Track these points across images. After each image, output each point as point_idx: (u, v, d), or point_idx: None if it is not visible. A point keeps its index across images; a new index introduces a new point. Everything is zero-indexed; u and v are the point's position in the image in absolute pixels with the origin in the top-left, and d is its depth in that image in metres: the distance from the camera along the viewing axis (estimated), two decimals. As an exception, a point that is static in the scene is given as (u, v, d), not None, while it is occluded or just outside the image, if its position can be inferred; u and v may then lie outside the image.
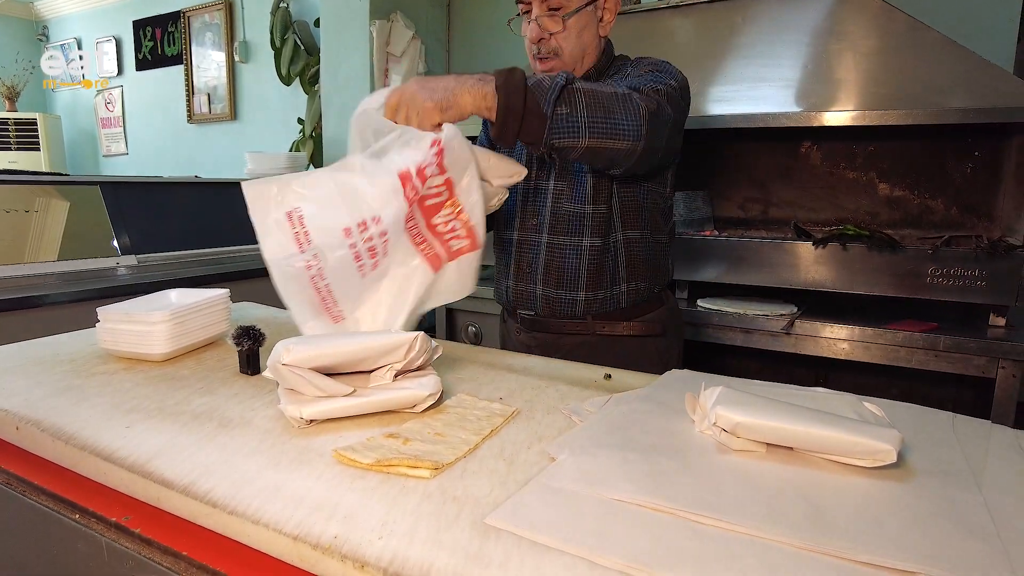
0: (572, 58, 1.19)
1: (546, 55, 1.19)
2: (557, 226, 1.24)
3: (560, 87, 0.95)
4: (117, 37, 5.08)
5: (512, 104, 0.92)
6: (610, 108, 0.98)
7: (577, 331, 1.28)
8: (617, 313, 1.28)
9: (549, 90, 0.94)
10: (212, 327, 1.10)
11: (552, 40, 1.17)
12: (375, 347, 0.79)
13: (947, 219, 2.28)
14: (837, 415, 0.70)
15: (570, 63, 1.20)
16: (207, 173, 4.62)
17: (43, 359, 1.03)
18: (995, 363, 1.74)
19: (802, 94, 2.03)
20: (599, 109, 0.97)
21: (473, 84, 0.93)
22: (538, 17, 1.16)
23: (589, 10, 1.17)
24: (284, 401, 0.77)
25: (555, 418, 0.81)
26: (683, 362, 1.43)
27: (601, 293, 1.26)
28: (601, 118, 0.97)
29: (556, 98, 0.94)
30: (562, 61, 1.19)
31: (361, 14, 3.04)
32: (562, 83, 0.95)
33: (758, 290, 2.14)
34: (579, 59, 1.21)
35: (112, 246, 2.40)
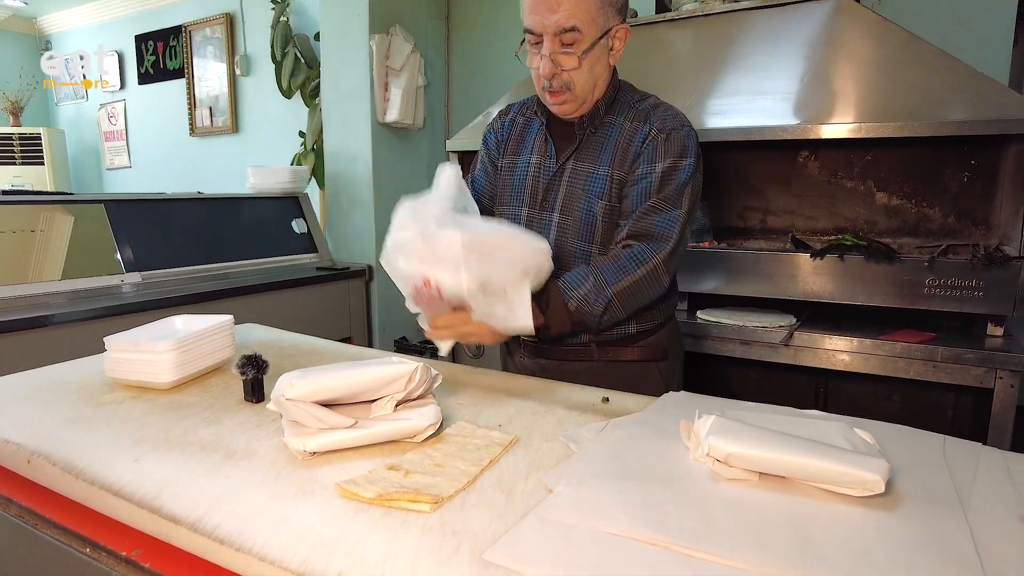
0: (584, 92, 1.18)
1: (558, 89, 1.17)
2: (561, 260, 1.22)
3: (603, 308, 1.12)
4: (119, 51, 5.12)
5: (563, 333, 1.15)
6: (637, 295, 1.15)
7: (580, 357, 1.28)
8: (621, 340, 1.28)
9: (592, 314, 1.12)
10: (217, 353, 1.12)
11: (564, 75, 1.15)
12: (376, 379, 0.81)
13: (945, 227, 2.29)
14: (828, 444, 0.72)
15: (582, 96, 1.18)
16: (209, 185, 4.65)
17: (52, 387, 1.05)
18: (993, 373, 1.75)
19: (799, 106, 2.05)
20: (631, 303, 1.15)
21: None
22: (552, 53, 1.13)
23: (602, 43, 1.15)
24: (288, 433, 0.79)
25: (553, 446, 0.82)
26: (684, 377, 1.45)
27: (606, 332, 1.25)
28: (632, 309, 1.17)
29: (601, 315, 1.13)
30: (574, 94, 1.17)
31: (361, 28, 3.07)
32: (605, 304, 1.12)
33: (757, 301, 2.15)
34: (590, 92, 1.19)
35: (116, 263, 2.43)
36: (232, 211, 2.99)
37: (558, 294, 1.10)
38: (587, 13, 1.10)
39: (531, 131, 1.32)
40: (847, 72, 2.01)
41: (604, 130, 1.23)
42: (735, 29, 2.21)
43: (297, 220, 3.17)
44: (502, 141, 1.37)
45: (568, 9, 1.09)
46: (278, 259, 2.99)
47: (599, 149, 1.22)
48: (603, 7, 1.12)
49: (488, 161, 1.39)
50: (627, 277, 1.12)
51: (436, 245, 0.97)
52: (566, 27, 1.10)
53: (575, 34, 1.11)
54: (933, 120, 1.82)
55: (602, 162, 1.21)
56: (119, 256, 2.44)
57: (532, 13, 1.12)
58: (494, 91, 3.39)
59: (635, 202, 1.17)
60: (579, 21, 1.10)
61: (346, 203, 3.27)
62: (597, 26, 1.12)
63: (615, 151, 1.21)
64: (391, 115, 3.10)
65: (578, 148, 1.24)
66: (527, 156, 1.30)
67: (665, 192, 1.15)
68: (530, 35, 1.15)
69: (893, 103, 1.91)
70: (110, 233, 2.45)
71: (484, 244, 0.97)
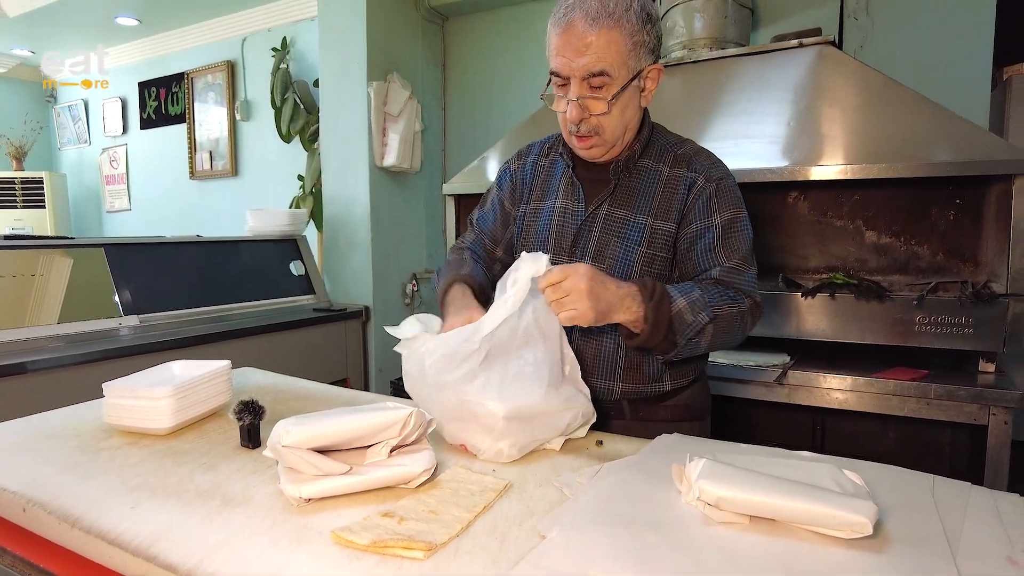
0: (614, 136, 1.12)
1: (586, 134, 1.11)
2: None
3: (699, 329, 1.04)
4: (123, 98, 5.22)
5: (653, 337, 1.02)
6: (729, 331, 1.08)
7: (611, 415, 1.19)
8: (655, 397, 1.21)
9: (690, 327, 1.03)
10: (214, 399, 1.13)
11: (593, 120, 1.09)
12: (371, 425, 0.82)
13: (934, 265, 2.33)
14: (816, 486, 0.73)
15: (611, 141, 1.13)
16: (208, 227, 4.70)
17: (49, 434, 1.06)
18: (986, 410, 1.76)
19: (787, 149, 2.10)
20: (720, 336, 1.08)
21: (628, 306, 1.00)
22: (580, 97, 1.07)
23: (633, 85, 1.08)
24: (284, 480, 0.79)
25: (547, 491, 0.83)
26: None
27: (639, 387, 1.18)
28: (720, 342, 1.09)
29: (692, 336, 1.04)
30: (603, 139, 1.12)
31: (359, 75, 3.15)
32: (704, 324, 1.04)
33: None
34: (620, 136, 1.13)
35: (114, 307, 2.44)
36: (231, 254, 3.02)
37: (663, 293, 1.02)
38: (618, 56, 1.04)
39: (556, 174, 1.25)
40: (832, 116, 2.07)
41: (640, 175, 1.17)
42: (723, 76, 2.29)
43: (295, 262, 3.20)
44: (522, 187, 1.30)
45: (597, 52, 1.03)
46: (276, 301, 3.01)
47: (636, 195, 1.16)
48: (635, 48, 1.06)
49: (499, 203, 1.33)
50: (730, 306, 1.07)
51: (474, 410, 0.93)
52: (595, 71, 1.04)
53: (604, 78, 1.05)
54: (917, 161, 1.87)
55: (640, 209, 1.15)
56: (117, 299, 2.46)
57: (559, 55, 1.06)
58: (489, 136, 3.46)
59: (701, 259, 1.12)
60: (609, 64, 1.04)
61: (344, 245, 3.30)
62: (628, 68, 1.06)
63: (655, 199, 1.15)
64: (389, 159, 3.17)
65: (612, 193, 1.17)
66: (552, 201, 1.23)
67: (741, 252, 1.12)
68: (556, 78, 1.09)
69: (878, 145, 1.96)
70: (109, 276, 2.47)
71: (526, 410, 0.93)
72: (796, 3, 2.72)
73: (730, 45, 2.37)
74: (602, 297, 0.96)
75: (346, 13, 3.16)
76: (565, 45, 1.05)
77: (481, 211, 1.37)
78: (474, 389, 0.93)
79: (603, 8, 1.02)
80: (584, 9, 1.03)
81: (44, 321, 2.22)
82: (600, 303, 0.96)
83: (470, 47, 3.60)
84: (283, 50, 3.99)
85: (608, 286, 0.98)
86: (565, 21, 1.05)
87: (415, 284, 3.48)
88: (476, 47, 3.58)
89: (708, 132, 2.23)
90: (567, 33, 1.04)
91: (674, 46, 2.45)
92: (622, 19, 1.03)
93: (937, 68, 2.52)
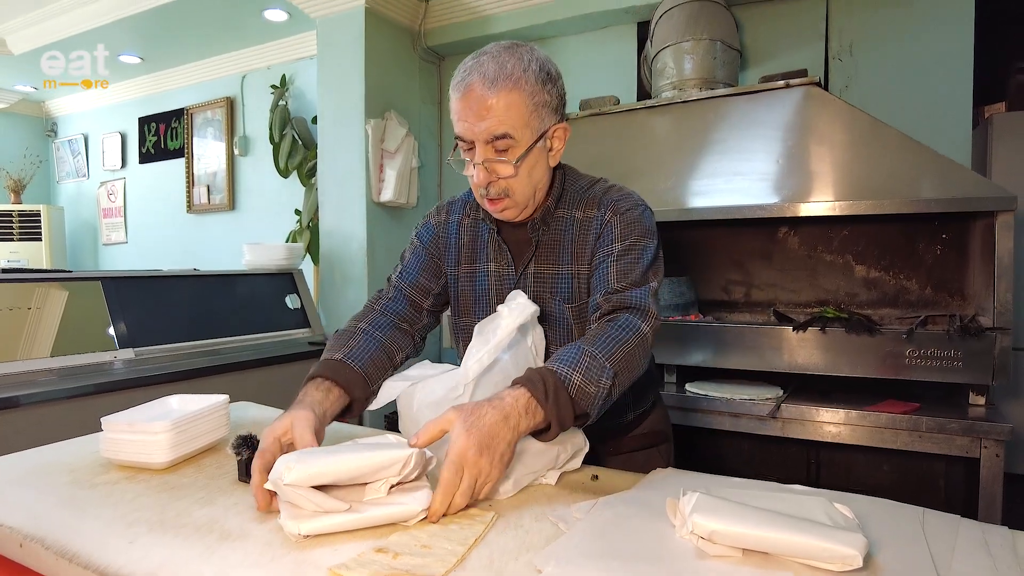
0: (524, 198, 1.12)
1: (496, 196, 1.10)
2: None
3: (606, 393, 0.96)
4: (122, 132, 5.29)
5: (564, 427, 0.94)
6: (634, 367, 1.02)
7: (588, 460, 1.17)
8: (622, 429, 1.27)
9: (595, 397, 0.95)
10: (212, 433, 1.14)
11: (501, 182, 1.08)
12: (373, 464, 0.83)
13: (923, 298, 2.37)
14: (808, 519, 0.74)
15: (523, 202, 1.12)
16: (205, 260, 4.73)
17: (46, 468, 1.06)
18: (978, 443, 1.77)
19: (776, 186, 2.15)
20: (629, 378, 1.01)
21: (521, 424, 0.89)
22: (486, 161, 1.07)
23: (539, 146, 1.08)
24: (283, 515, 0.80)
25: (543, 525, 0.84)
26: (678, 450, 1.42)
27: (606, 421, 1.12)
28: (629, 382, 1.02)
29: (600, 403, 0.97)
30: (514, 200, 1.11)
31: (357, 114, 3.22)
32: (607, 387, 0.96)
33: (745, 373, 2.19)
34: (531, 196, 1.13)
35: (110, 340, 2.44)
36: (227, 287, 3.03)
37: (555, 382, 0.93)
38: (519, 119, 1.04)
39: (481, 236, 1.24)
40: (820, 154, 2.13)
41: (557, 225, 1.17)
42: (712, 115, 2.35)
43: (291, 296, 3.22)
44: (446, 244, 1.27)
45: (498, 116, 1.03)
46: (272, 334, 3.01)
47: (557, 247, 1.17)
48: (536, 109, 1.06)
49: (424, 255, 1.28)
50: (624, 342, 1.00)
51: None
52: (498, 134, 1.04)
53: (508, 140, 1.05)
54: (903, 198, 1.92)
55: (563, 261, 1.16)
56: (113, 332, 2.46)
57: (461, 120, 1.06)
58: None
59: (596, 283, 1.12)
60: (511, 127, 1.04)
61: (340, 279, 3.33)
62: (532, 130, 1.06)
63: (573, 246, 1.15)
64: (386, 195, 3.21)
65: (536, 252, 1.18)
66: (484, 264, 1.23)
67: (634, 275, 1.08)
68: (462, 142, 1.09)
69: (865, 182, 2.01)
70: (106, 309, 2.48)
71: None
72: (783, 45, 2.81)
73: (719, 85, 2.44)
74: (497, 450, 0.86)
75: (345, 53, 3.25)
76: (466, 109, 1.05)
77: (402, 266, 1.30)
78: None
79: (500, 71, 1.03)
80: (482, 72, 1.03)
81: (39, 354, 2.22)
82: (504, 457, 0.87)
83: (466, 85, 3.68)
84: (282, 87, 4.07)
85: (484, 421, 0.86)
86: (464, 85, 1.05)
87: (410, 317, 3.49)
88: (472, 85, 3.66)
89: (699, 169, 2.28)
90: (466, 97, 1.04)
91: (664, 86, 2.52)
92: (520, 80, 1.03)
93: (920, 108, 2.60)
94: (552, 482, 1.00)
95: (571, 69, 3.31)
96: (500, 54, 1.05)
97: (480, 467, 0.85)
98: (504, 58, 1.04)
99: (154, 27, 3.87)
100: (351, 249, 3.29)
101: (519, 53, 1.06)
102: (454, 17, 3.41)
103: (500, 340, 0.98)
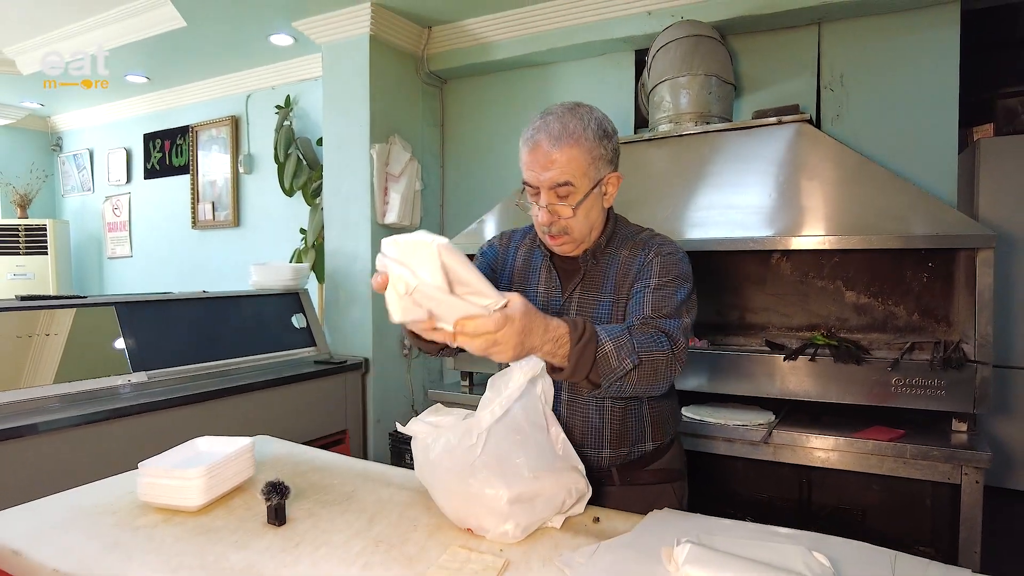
0: (581, 235, 1.27)
1: (557, 234, 1.26)
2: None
3: (623, 375, 1.07)
4: (127, 148, 5.37)
5: (575, 375, 1.05)
6: (653, 377, 1.11)
7: (602, 481, 1.30)
8: (640, 462, 1.34)
9: (613, 371, 1.06)
10: (240, 475, 1.22)
11: (562, 222, 1.24)
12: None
13: (910, 324, 2.46)
14: (787, 570, 0.83)
15: (579, 239, 1.28)
16: (210, 277, 4.81)
17: (88, 511, 1.14)
18: (959, 469, 1.86)
19: (770, 219, 2.23)
20: (645, 382, 1.10)
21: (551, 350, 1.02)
22: (549, 204, 1.23)
23: (595, 192, 1.23)
24: None
25: (549, 571, 0.93)
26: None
27: (625, 450, 1.31)
28: (644, 387, 1.12)
29: (615, 380, 1.07)
30: (572, 237, 1.27)
31: (362, 138, 3.30)
32: (628, 370, 1.07)
33: (738, 398, 2.28)
34: (587, 234, 1.28)
35: (124, 363, 2.52)
36: (235, 308, 3.12)
37: (591, 336, 1.05)
38: (579, 169, 1.20)
39: (535, 262, 1.40)
40: (811, 189, 2.22)
41: (605, 260, 1.32)
42: (707, 148, 2.44)
43: (297, 315, 3.30)
44: (503, 264, 1.44)
45: (561, 167, 1.19)
46: (278, 354, 3.10)
47: (602, 279, 1.31)
48: (594, 162, 1.21)
49: (487, 265, 1.44)
50: (657, 352, 1.11)
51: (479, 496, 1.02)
52: (559, 182, 1.20)
53: (569, 187, 1.20)
54: (890, 234, 2.01)
55: (606, 291, 1.30)
56: (127, 355, 2.54)
57: (528, 169, 1.23)
58: (485, 193, 3.61)
59: (631, 309, 1.23)
60: (572, 176, 1.20)
61: (344, 299, 3.41)
62: (589, 179, 1.21)
63: (616, 278, 1.30)
64: (390, 217, 3.30)
65: (583, 280, 1.32)
66: (534, 287, 1.38)
67: (666, 308, 1.20)
68: (528, 187, 1.26)
69: (854, 218, 2.10)
70: (119, 333, 2.56)
71: (527, 493, 1.03)
72: (777, 75, 2.90)
73: (714, 119, 2.53)
74: (526, 343, 0.97)
75: (350, 79, 3.33)
76: (533, 161, 1.22)
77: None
78: (477, 478, 1.03)
79: (564, 130, 1.19)
80: (548, 131, 1.20)
81: (58, 379, 2.29)
82: (522, 349, 0.97)
83: (467, 109, 3.77)
84: (287, 107, 4.15)
85: (535, 331, 0.98)
86: (532, 142, 1.22)
87: (413, 335, 3.57)
88: (473, 108, 3.75)
89: (695, 202, 2.37)
90: (534, 152, 1.21)
91: (661, 119, 2.61)
92: (581, 139, 1.19)
93: (908, 134, 2.69)
94: (557, 526, 1.08)
95: (570, 96, 3.38)
96: (564, 115, 1.21)
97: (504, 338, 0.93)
98: (567, 119, 1.20)
99: (161, 50, 3.95)
100: (356, 269, 3.37)
101: (580, 113, 1.22)
102: (456, 43, 3.49)
103: (511, 393, 1.06)
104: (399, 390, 3.52)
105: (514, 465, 1.05)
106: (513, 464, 1.05)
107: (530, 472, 1.05)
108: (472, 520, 1.05)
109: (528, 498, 1.04)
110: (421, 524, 1.10)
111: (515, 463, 1.05)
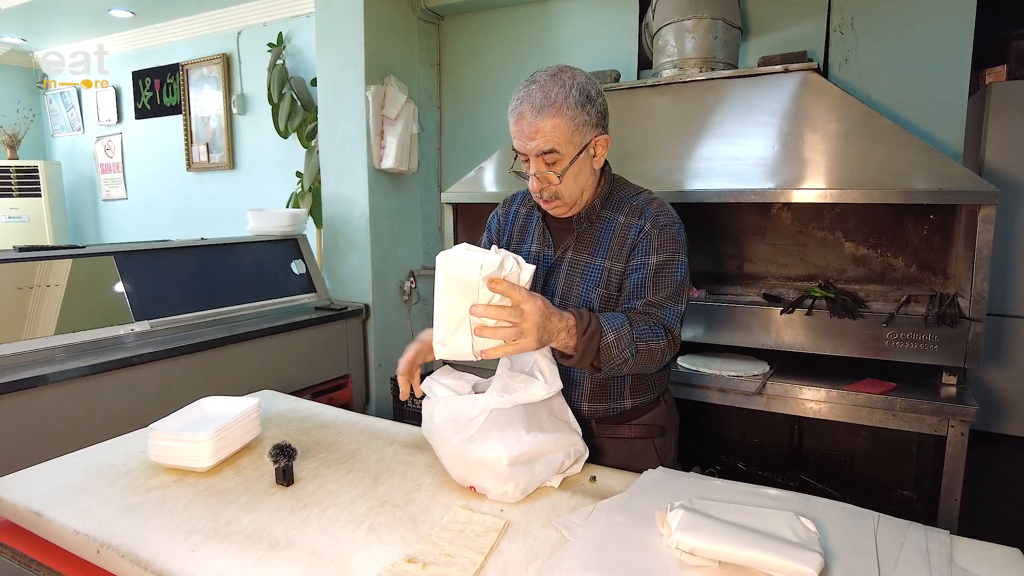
0: (572, 198, 1.30)
1: (548, 198, 1.30)
2: None
3: (621, 363, 1.16)
4: (116, 87, 5.23)
5: (580, 363, 1.15)
6: (647, 363, 1.21)
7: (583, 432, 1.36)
8: (620, 417, 1.38)
9: (614, 360, 1.16)
10: (247, 435, 1.26)
11: (552, 187, 1.27)
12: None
13: (907, 276, 2.47)
14: (774, 536, 0.87)
15: (571, 202, 1.31)
16: (206, 220, 4.78)
17: (102, 472, 1.18)
18: (946, 422, 1.91)
19: (771, 171, 2.21)
20: (639, 367, 1.20)
21: (564, 339, 1.11)
22: (538, 172, 1.26)
23: (582, 156, 1.26)
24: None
25: (548, 532, 0.97)
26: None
27: (603, 406, 1.36)
28: (640, 369, 1.22)
29: (614, 367, 1.17)
30: (563, 201, 1.30)
31: (357, 79, 3.21)
32: (626, 359, 1.16)
33: (734, 348, 2.31)
34: (579, 197, 1.31)
35: (126, 313, 2.54)
36: (234, 255, 3.11)
37: (595, 328, 1.14)
38: (563, 136, 1.22)
39: (531, 223, 1.45)
40: (814, 142, 2.18)
41: (600, 224, 1.34)
42: (711, 98, 2.38)
43: (296, 261, 3.30)
44: (502, 230, 1.51)
45: (545, 135, 1.22)
46: (279, 300, 3.12)
47: (595, 242, 1.34)
48: (578, 128, 1.23)
49: (493, 242, 1.50)
50: (653, 342, 1.20)
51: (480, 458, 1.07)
52: (545, 150, 1.23)
53: (555, 155, 1.23)
54: (891, 189, 1.99)
55: (599, 254, 1.33)
56: (129, 305, 2.56)
57: (516, 139, 1.26)
58: (484, 136, 3.55)
59: (633, 290, 1.28)
60: (557, 144, 1.22)
61: (343, 245, 3.40)
62: (575, 145, 1.24)
63: (611, 244, 1.32)
64: (387, 162, 3.25)
65: (576, 241, 1.35)
66: (528, 246, 1.43)
67: (669, 290, 1.26)
68: (520, 155, 1.29)
69: (856, 172, 2.08)
70: (120, 283, 2.57)
71: (526, 455, 1.07)
72: (785, 18, 2.80)
73: (719, 65, 2.46)
74: (547, 330, 1.08)
75: (343, 14, 3.21)
76: (519, 131, 1.25)
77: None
78: (479, 442, 1.08)
79: (546, 99, 1.21)
80: (531, 101, 1.22)
81: (59, 331, 2.32)
82: (544, 336, 1.07)
83: (465, 48, 3.65)
84: (279, 46, 4.03)
85: (552, 320, 1.09)
86: (517, 112, 1.25)
87: (413, 281, 3.59)
88: (471, 48, 3.64)
89: (697, 152, 2.34)
90: (519, 122, 1.24)
91: (665, 64, 2.54)
92: (563, 107, 1.21)
93: (919, 79, 2.62)
94: (556, 485, 1.13)
95: (572, 36, 3.29)
96: (546, 83, 1.22)
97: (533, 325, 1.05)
98: (549, 87, 1.22)
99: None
100: (353, 215, 3.35)
101: (562, 80, 1.23)
102: (453, -23, 3.35)
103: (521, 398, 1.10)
104: (400, 335, 3.57)
105: (515, 429, 1.09)
106: (514, 428, 1.09)
107: (530, 435, 1.09)
108: (474, 479, 1.10)
109: (528, 460, 1.08)
110: (424, 484, 1.15)
111: (515, 426, 1.09)
